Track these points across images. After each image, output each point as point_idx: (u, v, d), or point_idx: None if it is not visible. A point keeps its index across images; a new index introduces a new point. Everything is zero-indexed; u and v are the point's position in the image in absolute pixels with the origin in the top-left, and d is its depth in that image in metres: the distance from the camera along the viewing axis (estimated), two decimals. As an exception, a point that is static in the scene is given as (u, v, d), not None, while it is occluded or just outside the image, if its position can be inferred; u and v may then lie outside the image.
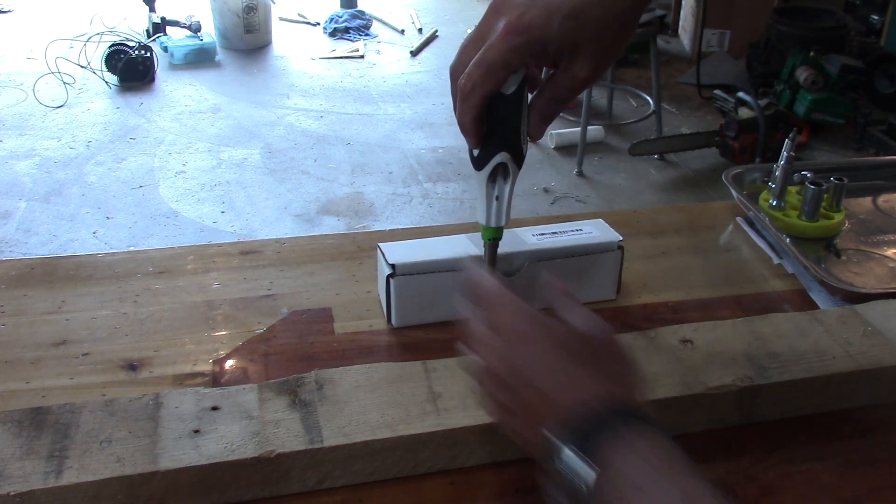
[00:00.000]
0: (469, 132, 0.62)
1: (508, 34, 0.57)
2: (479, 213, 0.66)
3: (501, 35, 0.58)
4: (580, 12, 0.57)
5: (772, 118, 3.32)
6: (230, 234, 2.90)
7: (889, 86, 3.85)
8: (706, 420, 0.71)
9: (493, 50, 0.58)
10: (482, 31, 0.60)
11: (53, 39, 4.22)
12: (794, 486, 0.67)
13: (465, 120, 0.61)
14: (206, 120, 3.76)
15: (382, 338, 0.82)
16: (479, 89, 0.59)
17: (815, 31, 3.85)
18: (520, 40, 0.57)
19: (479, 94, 0.60)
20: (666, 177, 3.41)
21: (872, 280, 0.93)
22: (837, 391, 0.74)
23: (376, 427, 0.65)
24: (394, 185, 3.25)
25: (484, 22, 0.60)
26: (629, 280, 0.91)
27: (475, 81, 0.59)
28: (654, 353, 0.74)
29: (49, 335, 0.81)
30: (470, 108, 0.60)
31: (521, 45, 0.58)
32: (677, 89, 4.21)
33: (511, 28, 0.57)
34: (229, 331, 0.82)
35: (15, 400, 0.73)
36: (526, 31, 0.57)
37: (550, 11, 0.57)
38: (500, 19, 0.58)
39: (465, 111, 0.61)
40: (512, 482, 0.66)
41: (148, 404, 0.66)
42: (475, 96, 0.60)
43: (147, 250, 0.94)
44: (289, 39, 4.80)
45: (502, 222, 0.65)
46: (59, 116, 3.74)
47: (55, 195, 3.10)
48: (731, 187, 1.05)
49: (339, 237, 0.98)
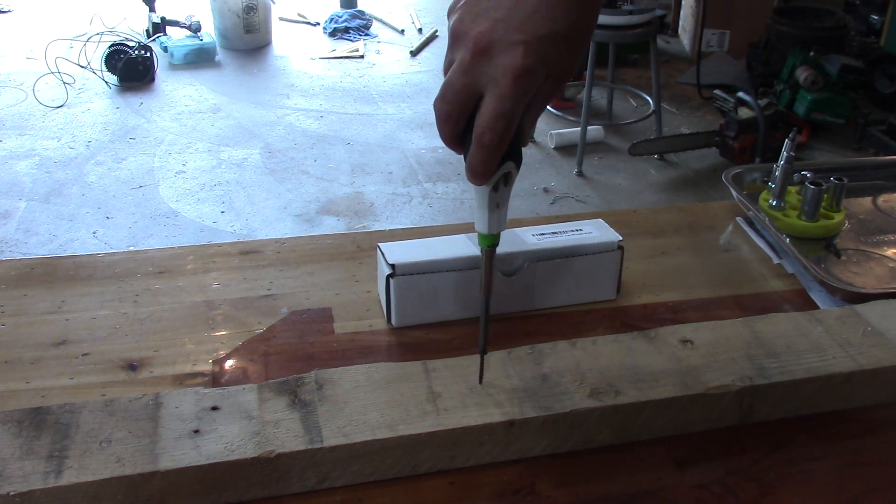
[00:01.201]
0: (491, 168, 0.60)
1: (517, 79, 0.55)
2: (478, 223, 0.64)
3: (510, 82, 0.55)
4: (571, 35, 0.56)
5: (772, 118, 3.32)
6: (230, 234, 2.90)
7: (889, 86, 3.85)
8: (706, 420, 0.71)
9: (508, 100, 0.56)
10: (457, 62, 0.57)
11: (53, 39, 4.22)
12: (794, 486, 0.67)
13: (490, 168, 0.59)
14: (206, 120, 3.76)
15: (382, 338, 0.82)
16: (505, 141, 0.57)
17: (815, 31, 3.85)
18: (530, 80, 0.55)
19: (505, 145, 0.58)
20: (666, 177, 3.41)
21: (872, 280, 0.93)
22: (837, 391, 0.74)
23: (376, 427, 0.65)
24: (394, 185, 3.25)
25: (451, 52, 0.58)
26: (629, 280, 0.91)
27: (501, 135, 0.57)
28: (654, 353, 0.74)
29: (49, 335, 0.81)
30: (497, 153, 0.58)
31: (532, 86, 0.56)
32: (677, 89, 4.21)
33: (518, 72, 0.55)
34: (229, 331, 0.82)
35: (15, 400, 0.73)
36: (533, 70, 0.55)
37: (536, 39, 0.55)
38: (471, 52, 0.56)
39: (493, 159, 0.58)
40: (511, 482, 0.66)
41: (148, 404, 0.66)
42: (503, 147, 0.58)
43: (147, 250, 0.94)
44: (289, 39, 4.81)
45: (503, 228, 0.65)
46: (59, 116, 3.74)
47: (55, 195, 3.10)
48: (731, 187, 1.05)
49: (339, 237, 0.98)
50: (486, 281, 0.66)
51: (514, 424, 0.66)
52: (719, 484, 0.67)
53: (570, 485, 0.67)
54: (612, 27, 3.20)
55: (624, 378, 0.71)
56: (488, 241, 0.65)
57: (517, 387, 0.69)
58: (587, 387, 0.69)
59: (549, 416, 0.67)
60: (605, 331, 0.83)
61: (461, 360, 0.72)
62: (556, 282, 0.85)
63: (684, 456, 0.69)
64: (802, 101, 3.53)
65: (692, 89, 4.06)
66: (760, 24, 4.11)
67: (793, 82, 3.59)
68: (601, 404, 0.68)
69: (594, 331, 0.83)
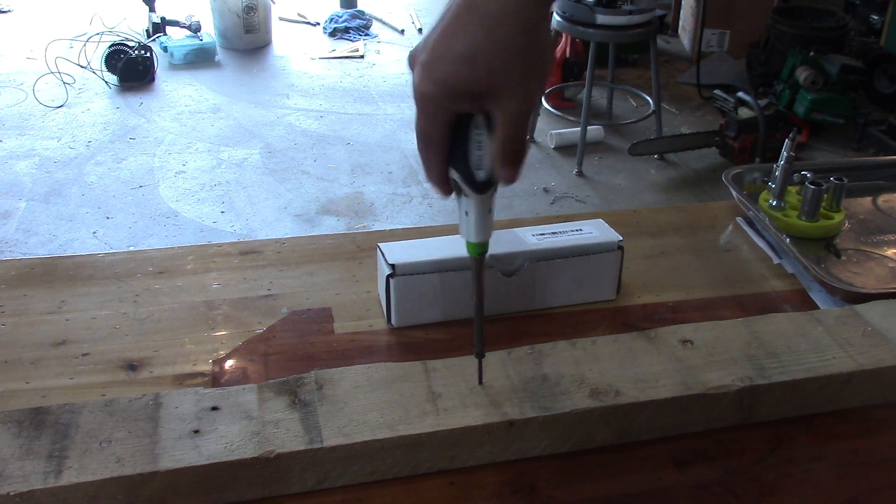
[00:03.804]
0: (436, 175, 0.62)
1: (418, 98, 0.58)
2: (468, 232, 0.64)
3: (415, 100, 0.58)
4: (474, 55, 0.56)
5: (772, 118, 3.32)
6: (230, 234, 2.90)
7: (889, 86, 3.85)
8: (706, 420, 0.71)
9: (419, 118, 0.59)
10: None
11: (53, 39, 4.22)
12: (794, 486, 0.67)
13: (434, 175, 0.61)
14: (206, 120, 3.76)
15: (382, 338, 0.82)
16: (432, 153, 0.60)
17: (815, 31, 3.85)
18: (428, 98, 0.58)
19: (433, 157, 0.60)
20: (666, 177, 3.41)
21: (872, 280, 0.93)
22: (837, 391, 0.74)
23: (376, 427, 0.65)
24: (394, 185, 3.25)
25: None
26: (629, 280, 0.91)
27: (423, 150, 0.60)
28: (654, 353, 0.74)
29: (49, 335, 0.81)
30: (431, 165, 0.61)
31: (435, 104, 0.58)
32: (677, 89, 4.21)
33: (416, 91, 0.58)
34: (229, 331, 0.82)
35: (15, 400, 0.73)
36: (427, 90, 0.58)
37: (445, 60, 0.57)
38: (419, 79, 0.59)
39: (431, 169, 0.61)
40: (511, 482, 0.66)
41: (148, 404, 0.66)
42: (432, 160, 0.60)
43: (147, 250, 0.94)
44: (289, 39, 4.80)
45: (491, 233, 0.64)
46: (59, 116, 3.74)
47: (55, 195, 3.10)
48: (731, 187, 1.05)
49: (339, 237, 0.98)
50: (478, 288, 0.66)
51: (514, 424, 0.66)
52: (719, 484, 0.67)
53: (570, 485, 0.67)
54: (612, 27, 3.19)
55: (624, 378, 0.71)
56: (479, 249, 0.64)
57: (517, 387, 0.69)
58: (587, 387, 0.69)
59: (549, 416, 0.67)
60: (605, 331, 0.83)
61: (461, 360, 0.72)
62: (556, 282, 0.85)
63: (684, 456, 0.70)
64: (802, 101, 3.53)
65: (692, 89, 4.06)
66: (760, 24, 4.11)
67: (793, 82, 3.58)
68: (601, 404, 0.68)
69: (594, 331, 0.83)
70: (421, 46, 0.59)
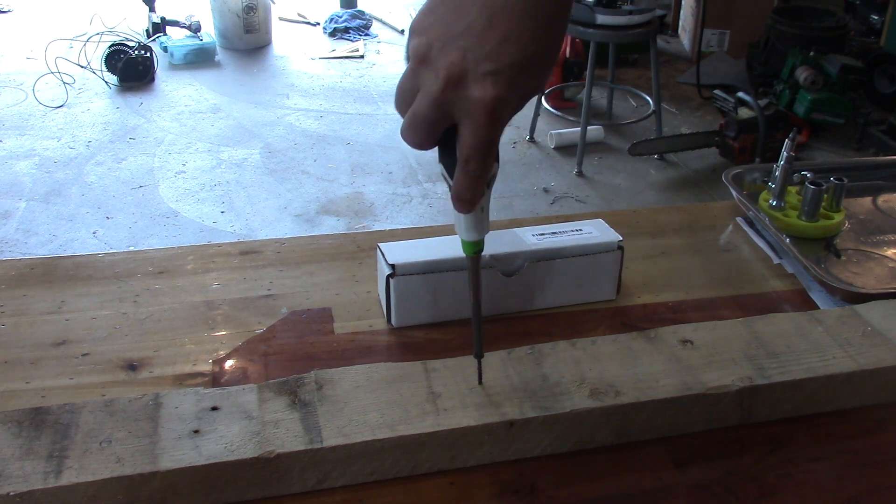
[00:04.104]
0: (479, 195, 0.60)
1: (491, 111, 0.55)
2: (464, 230, 0.63)
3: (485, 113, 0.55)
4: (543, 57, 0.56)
5: (772, 118, 3.32)
6: (230, 234, 2.90)
7: (889, 86, 3.85)
8: (706, 420, 0.71)
9: (485, 129, 0.56)
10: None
11: (53, 39, 4.22)
12: (794, 486, 0.67)
13: (477, 195, 0.59)
14: (206, 120, 3.76)
15: (382, 338, 0.82)
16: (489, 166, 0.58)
17: (815, 31, 3.85)
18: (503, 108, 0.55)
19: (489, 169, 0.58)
20: (666, 177, 3.41)
21: (872, 280, 0.93)
22: (837, 391, 0.74)
23: (376, 427, 0.65)
24: (394, 185, 3.25)
25: (415, 75, 0.57)
26: (629, 280, 0.91)
27: (484, 162, 0.57)
28: (654, 353, 0.74)
29: (49, 335, 0.81)
30: (483, 178, 0.58)
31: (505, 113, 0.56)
32: (677, 89, 4.21)
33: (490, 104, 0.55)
34: (229, 331, 0.82)
35: (15, 400, 0.73)
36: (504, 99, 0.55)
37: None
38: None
39: (480, 185, 0.58)
40: (511, 482, 0.66)
41: (148, 404, 0.66)
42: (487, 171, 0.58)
43: (147, 250, 0.94)
44: (289, 39, 4.81)
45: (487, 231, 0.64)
46: (59, 116, 3.74)
47: (55, 195, 3.10)
48: (731, 187, 1.05)
49: (339, 237, 0.98)
50: (475, 287, 0.66)
51: (514, 424, 0.66)
52: (719, 484, 0.67)
53: (570, 485, 0.67)
54: (612, 27, 3.20)
55: (624, 378, 0.71)
56: (474, 248, 0.64)
57: (517, 387, 0.69)
58: (587, 387, 0.69)
59: (549, 416, 0.67)
60: (605, 331, 0.83)
61: (461, 360, 0.72)
62: (556, 282, 0.85)
63: (684, 456, 0.69)
64: (802, 101, 3.53)
65: (692, 89, 4.06)
66: (760, 24, 4.11)
67: (793, 82, 3.58)
68: (601, 404, 0.68)
69: (594, 331, 0.83)
70: (453, 48, 0.54)
